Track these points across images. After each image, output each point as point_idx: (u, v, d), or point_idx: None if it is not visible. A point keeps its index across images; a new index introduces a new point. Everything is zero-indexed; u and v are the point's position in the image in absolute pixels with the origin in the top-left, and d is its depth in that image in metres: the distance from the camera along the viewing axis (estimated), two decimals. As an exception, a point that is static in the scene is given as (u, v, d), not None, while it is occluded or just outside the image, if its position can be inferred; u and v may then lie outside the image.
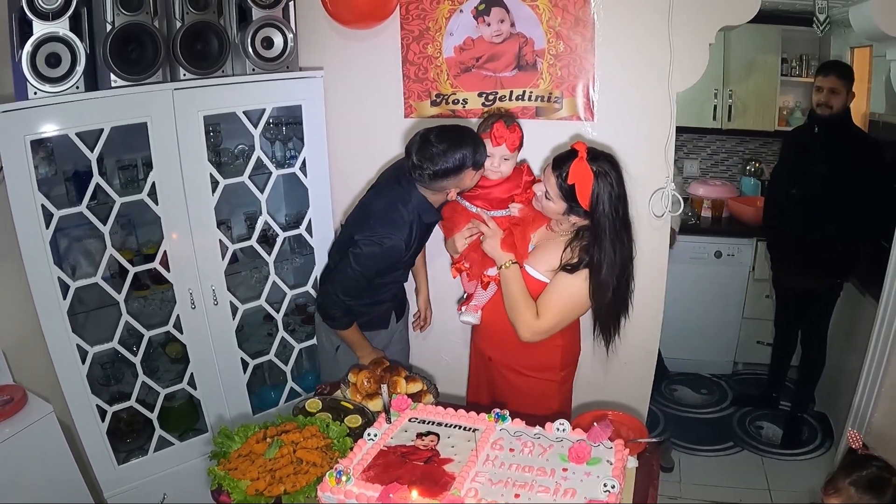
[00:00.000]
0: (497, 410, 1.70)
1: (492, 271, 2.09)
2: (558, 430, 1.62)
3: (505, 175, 2.12)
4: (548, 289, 1.98)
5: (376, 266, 2.13)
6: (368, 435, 1.65)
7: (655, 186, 2.36)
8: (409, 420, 1.74)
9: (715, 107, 3.80)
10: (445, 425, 1.69)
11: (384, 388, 1.76)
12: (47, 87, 1.95)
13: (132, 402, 2.38)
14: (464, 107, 2.52)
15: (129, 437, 2.54)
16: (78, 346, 2.20)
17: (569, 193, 1.87)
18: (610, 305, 1.95)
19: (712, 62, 3.64)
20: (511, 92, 2.46)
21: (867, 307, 2.81)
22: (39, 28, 1.90)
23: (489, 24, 2.39)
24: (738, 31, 3.56)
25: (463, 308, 2.17)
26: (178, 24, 2.11)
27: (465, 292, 2.31)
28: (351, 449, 1.63)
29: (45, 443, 2.19)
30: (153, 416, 2.44)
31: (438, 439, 1.63)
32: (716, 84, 3.75)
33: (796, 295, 3.18)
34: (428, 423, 1.71)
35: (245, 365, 2.56)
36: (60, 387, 2.23)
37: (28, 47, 1.88)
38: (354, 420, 1.86)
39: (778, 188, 3.23)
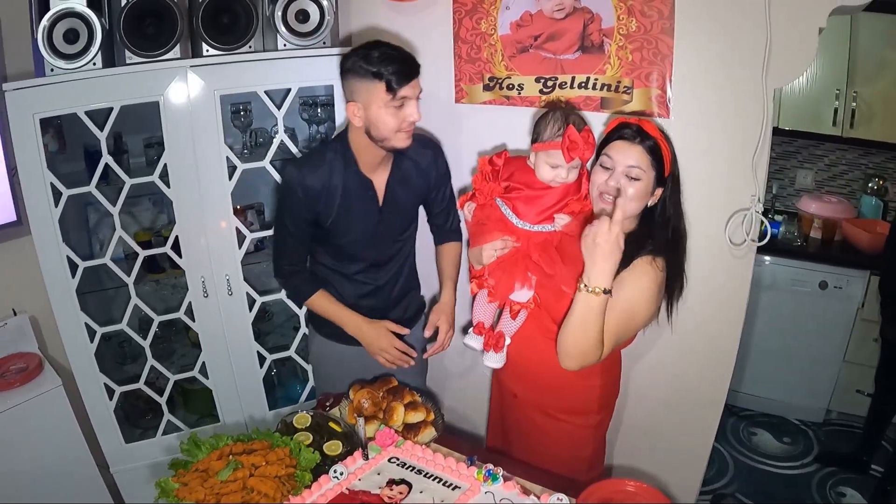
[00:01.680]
0: (489, 467, 1.43)
1: (520, 296, 1.75)
2: (555, 504, 1.33)
3: (569, 182, 1.74)
4: None
5: (288, 212, 1.85)
6: (334, 472, 1.44)
7: (737, 207, 1.94)
8: (389, 460, 1.51)
9: (836, 110, 3.21)
10: (425, 474, 1.45)
11: (361, 420, 1.54)
12: (64, 64, 1.89)
13: (140, 385, 2.34)
14: (519, 93, 2.21)
15: (147, 414, 2.53)
16: (86, 324, 2.16)
17: (658, 160, 1.62)
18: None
19: (835, 57, 3.15)
20: (573, 78, 2.11)
21: None
22: (56, 3, 1.83)
23: (550, -4, 2.06)
24: (868, 20, 2.99)
25: (489, 351, 1.80)
26: (201, -3, 1.96)
27: (474, 319, 1.88)
28: (308, 486, 1.42)
29: (52, 413, 2.22)
30: (162, 400, 2.38)
31: (409, 491, 1.39)
32: (838, 84, 3.15)
33: None
34: (407, 468, 1.47)
35: (262, 359, 2.43)
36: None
37: (44, 23, 1.82)
38: (335, 447, 1.65)
39: None
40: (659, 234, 1.65)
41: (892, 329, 2.75)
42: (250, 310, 2.33)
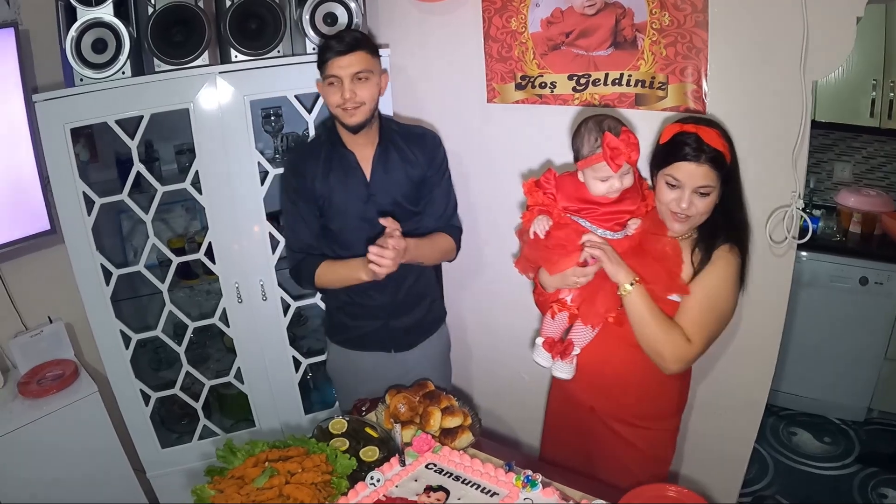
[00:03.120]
0: (528, 473, 1.40)
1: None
2: (596, 510, 1.30)
3: (626, 187, 1.63)
4: (686, 304, 1.59)
5: (285, 193, 1.96)
6: (371, 479, 1.43)
7: (777, 203, 1.88)
8: (426, 466, 1.49)
9: (873, 101, 3.11)
10: (463, 481, 1.43)
11: (397, 426, 1.52)
12: (93, 74, 1.91)
13: (176, 391, 2.35)
14: (552, 91, 2.18)
15: (184, 419, 2.55)
16: (121, 332, 2.19)
17: (728, 172, 1.56)
18: None
19: (870, 46, 3.05)
20: (606, 75, 2.08)
21: None
22: (83, 14, 1.85)
23: (580, -8, 2.02)
24: (907, 7, 2.91)
25: (557, 359, 1.69)
26: (228, 3, 1.97)
27: (543, 334, 1.73)
28: (345, 493, 1.41)
29: (89, 419, 2.25)
30: (198, 405, 2.39)
31: (447, 498, 1.37)
32: (875, 73, 3.04)
33: None
34: (445, 474, 1.46)
35: (297, 363, 2.43)
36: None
37: (72, 33, 1.85)
38: (371, 452, 1.63)
39: None
40: (726, 225, 1.60)
41: None
42: (285, 314, 2.33)
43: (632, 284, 1.54)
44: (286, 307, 2.33)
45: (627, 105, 2.06)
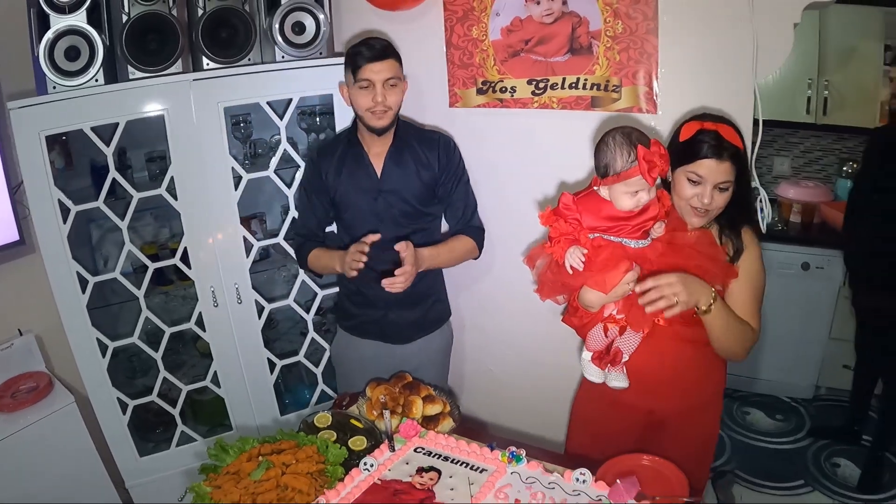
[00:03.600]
0: (513, 449, 1.49)
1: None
2: (577, 480, 1.40)
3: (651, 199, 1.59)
4: (735, 291, 1.64)
5: (304, 179, 2.16)
6: (364, 464, 1.49)
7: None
8: (415, 450, 1.56)
9: (809, 99, 3.35)
10: (452, 461, 1.51)
11: (386, 413, 1.59)
12: (66, 81, 1.92)
13: (153, 397, 2.35)
14: (512, 95, 2.29)
15: (158, 427, 2.54)
16: (98, 339, 2.18)
17: (741, 168, 1.61)
18: None
19: (806, 48, 3.28)
20: (564, 79, 2.20)
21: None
22: (56, 21, 1.86)
23: (538, 3, 2.14)
24: (836, 13, 3.13)
25: (608, 369, 1.65)
26: (200, 12, 2.00)
27: (590, 348, 1.70)
28: (341, 479, 1.47)
29: (66, 430, 2.23)
30: (175, 411, 2.39)
31: (439, 477, 1.44)
32: (809, 73, 3.29)
33: (876, 316, 2.80)
34: (434, 455, 1.53)
35: (273, 365, 2.46)
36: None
37: (45, 41, 1.85)
38: (359, 442, 1.70)
39: (858, 192, 2.88)
40: (743, 212, 1.68)
41: (862, 298, 2.88)
42: (259, 317, 2.36)
43: (713, 300, 1.54)
44: (260, 310, 2.37)
45: (584, 107, 2.19)
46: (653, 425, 1.78)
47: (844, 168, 3.60)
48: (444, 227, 2.25)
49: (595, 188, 1.62)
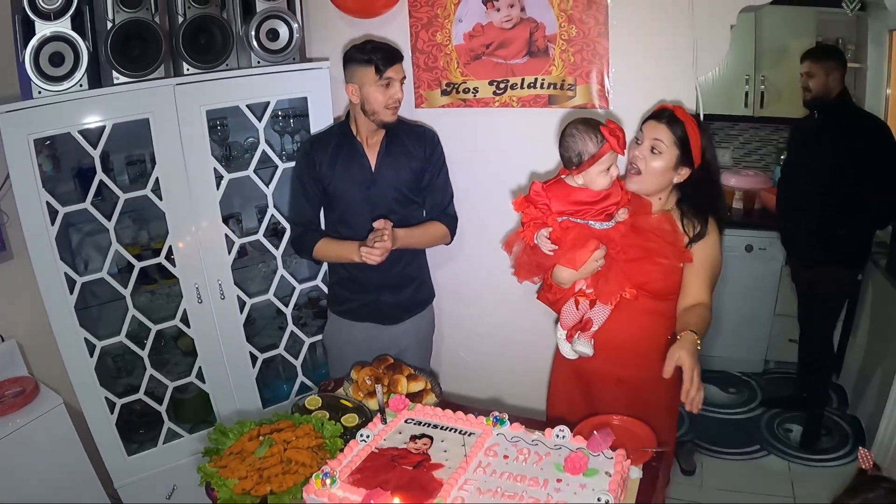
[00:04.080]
0: (496, 414, 1.63)
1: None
2: (558, 436, 1.54)
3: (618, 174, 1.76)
4: (691, 270, 1.79)
5: (296, 171, 2.26)
6: (361, 436, 1.60)
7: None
8: (405, 421, 1.68)
9: (746, 93, 3.63)
10: (441, 428, 1.63)
11: (378, 387, 1.71)
12: (51, 86, 1.97)
13: (140, 395, 2.41)
14: (475, 96, 2.45)
15: (142, 427, 2.58)
16: (86, 339, 2.23)
17: (682, 140, 1.76)
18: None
19: (743, 46, 3.55)
20: (523, 80, 2.37)
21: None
22: (41, 28, 1.92)
23: (498, 10, 2.31)
24: (771, 13, 3.40)
25: (578, 335, 1.80)
26: (181, 19, 2.09)
27: (564, 326, 1.85)
28: (341, 450, 1.59)
29: (55, 433, 2.25)
30: (162, 408, 2.45)
31: (432, 442, 1.57)
32: (747, 70, 3.58)
33: (811, 289, 3.07)
34: (424, 424, 1.66)
35: (254, 359, 2.55)
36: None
37: (30, 47, 1.90)
38: (351, 419, 1.82)
39: (786, 178, 3.17)
40: (709, 203, 1.84)
41: (800, 273, 3.14)
42: (241, 312, 2.45)
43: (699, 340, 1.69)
44: (242, 305, 2.46)
45: (541, 105, 2.37)
46: (625, 393, 1.91)
47: (782, 157, 3.86)
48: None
49: (563, 177, 1.78)
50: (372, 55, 2.06)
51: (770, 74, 3.58)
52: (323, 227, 2.33)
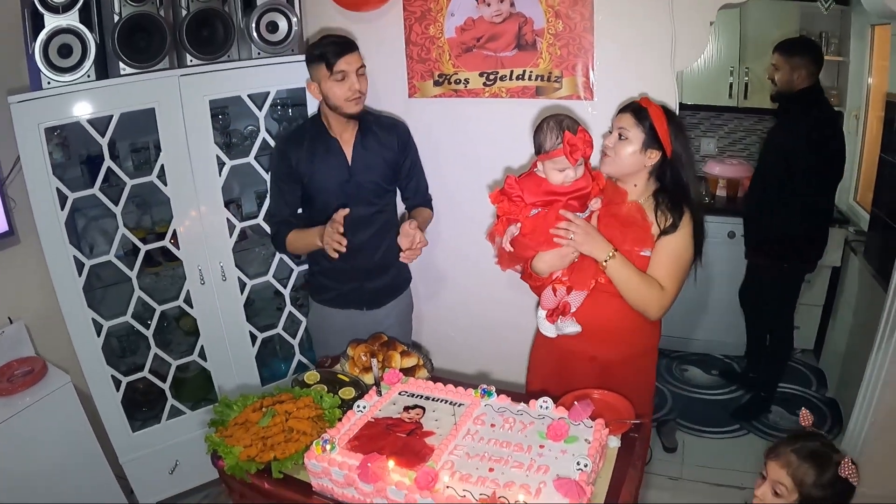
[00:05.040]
0: (484, 386, 1.75)
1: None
2: (541, 407, 1.66)
3: (579, 177, 1.87)
4: (657, 259, 1.89)
5: (273, 169, 2.29)
6: (358, 407, 1.72)
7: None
8: (399, 393, 1.80)
9: (731, 84, 3.73)
10: (433, 399, 1.75)
11: (374, 362, 1.82)
12: (60, 77, 2.05)
13: (145, 373, 2.51)
14: (465, 86, 2.54)
15: (145, 405, 2.69)
16: (93, 320, 2.33)
17: (649, 127, 1.86)
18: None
19: (728, 39, 3.65)
20: (511, 72, 2.47)
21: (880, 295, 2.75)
22: (50, 21, 1.99)
23: (489, 5, 2.40)
24: (756, 7, 3.52)
25: (560, 319, 1.92)
26: (184, 13, 2.17)
27: (546, 309, 1.97)
28: (340, 420, 1.70)
29: (63, 411, 2.34)
30: (165, 386, 2.56)
31: (424, 413, 1.69)
32: (731, 62, 3.68)
33: (759, 274, 3.23)
34: (416, 396, 1.77)
35: (254, 338, 2.66)
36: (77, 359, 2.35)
37: (40, 40, 1.98)
38: (348, 392, 1.93)
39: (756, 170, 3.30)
40: (682, 196, 1.91)
41: (755, 255, 3.26)
42: (241, 293, 2.56)
43: (609, 257, 1.83)
44: (242, 286, 2.56)
45: (529, 96, 2.47)
46: (597, 370, 2.03)
47: (764, 147, 4.00)
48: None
49: (535, 169, 1.90)
50: (321, 50, 2.09)
51: (754, 66, 3.68)
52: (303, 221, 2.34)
